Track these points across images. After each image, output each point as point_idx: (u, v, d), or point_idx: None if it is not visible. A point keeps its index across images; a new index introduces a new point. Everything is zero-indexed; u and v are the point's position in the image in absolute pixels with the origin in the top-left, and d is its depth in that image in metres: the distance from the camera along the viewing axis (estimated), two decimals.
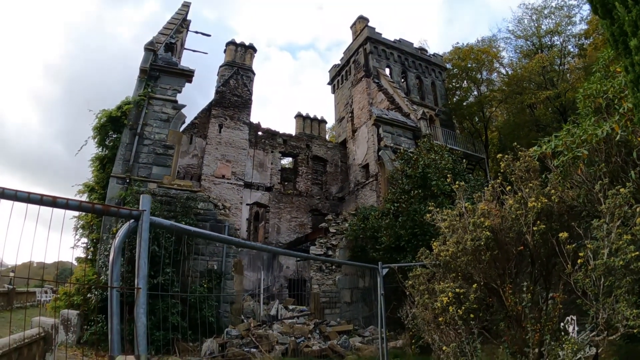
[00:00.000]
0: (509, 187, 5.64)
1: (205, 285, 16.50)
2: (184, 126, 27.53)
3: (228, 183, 28.13)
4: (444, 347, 4.56)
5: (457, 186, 5.96)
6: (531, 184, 5.35)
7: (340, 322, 17.39)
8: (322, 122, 35.38)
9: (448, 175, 9.64)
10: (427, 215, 6.16)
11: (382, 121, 25.54)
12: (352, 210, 21.99)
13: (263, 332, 15.21)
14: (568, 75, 34.97)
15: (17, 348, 7.84)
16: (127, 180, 17.73)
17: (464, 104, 38.24)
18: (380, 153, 24.79)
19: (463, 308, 4.51)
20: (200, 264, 17.14)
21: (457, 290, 4.68)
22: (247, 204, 28.93)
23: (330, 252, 18.91)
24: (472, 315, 4.51)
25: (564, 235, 4.72)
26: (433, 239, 6.13)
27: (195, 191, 18.82)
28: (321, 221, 22.88)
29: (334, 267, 18.78)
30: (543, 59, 32.98)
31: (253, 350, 14.07)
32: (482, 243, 4.74)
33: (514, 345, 4.79)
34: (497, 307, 5.09)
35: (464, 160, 20.74)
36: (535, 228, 4.79)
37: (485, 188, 5.81)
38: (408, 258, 14.42)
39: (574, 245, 4.74)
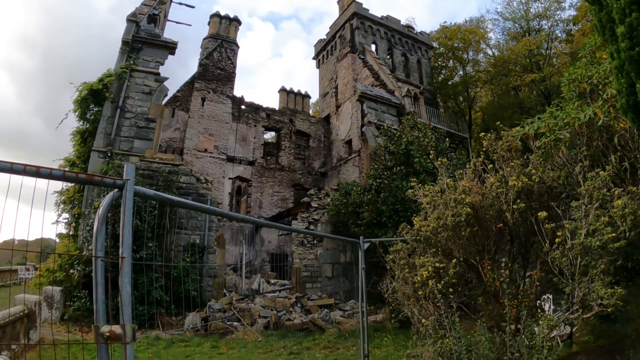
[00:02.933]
0: (491, 165, 5.71)
1: (187, 260, 16.54)
2: (166, 99, 27.29)
3: (210, 157, 27.99)
4: (423, 320, 4.66)
5: (439, 163, 6.02)
6: (512, 163, 5.43)
7: (321, 296, 17.60)
8: (306, 97, 35.15)
9: (431, 152, 9.67)
10: (409, 191, 6.22)
11: (366, 97, 25.48)
12: (335, 185, 22.04)
13: (245, 306, 15.35)
14: (554, 60, 35.15)
15: (1, 326, 7.83)
16: (109, 154, 17.59)
17: (449, 83, 38.29)
18: (363, 129, 24.79)
19: (442, 282, 4.60)
20: (183, 238, 17.16)
21: (437, 265, 4.77)
22: (230, 178, 28.87)
23: (312, 227, 19.02)
24: (451, 290, 4.61)
25: (543, 214, 4.81)
26: (414, 215, 6.20)
27: (178, 165, 18.72)
28: (303, 196, 22.92)
29: (315, 241, 18.90)
30: (530, 42, 33.06)
31: (235, 323, 14.21)
32: (463, 219, 4.82)
33: (491, 320, 4.91)
34: (475, 283, 5.20)
35: (447, 139, 20.80)
36: (515, 206, 4.87)
37: (468, 165, 5.88)
38: (389, 234, 14.55)
39: (552, 225, 4.83)
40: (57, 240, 17.20)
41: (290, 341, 12.40)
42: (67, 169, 17.80)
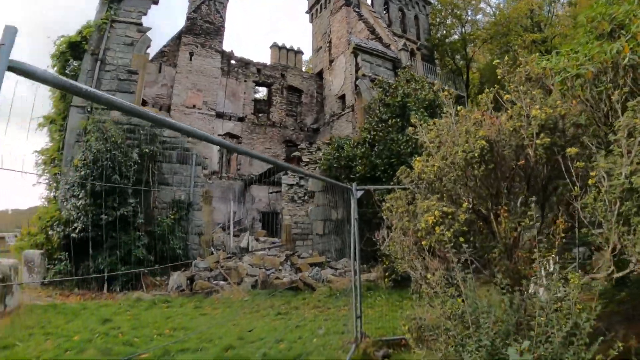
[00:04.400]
0: (507, 95, 4.80)
1: (172, 217, 15.75)
2: (152, 54, 26.40)
3: (199, 113, 27.38)
4: (429, 276, 3.84)
5: (446, 93, 5.11)
6: (533, 93, 4.55)
7: (312, 254, 16.89)
8: (299, 53, 34.09)
9: (430, 90, 8.68)
10: (410, 129, 5.32)
11: (360, 50, 24.36)
12: (327, 139, 21.15)
13: (233, 264, 14.66)
14: (556, 21, 33.89)
15: None
16: (89, 109, 16.60)
17: (447, 40, 37.04)
18: (357, 82, 23.76)
19: (452, 230, 3.77)
20: (167, 194, 16.36)
21: (445, 209, 3.92)
22: (219, 135, 27.91)
23: (302, 182, 18.19)
24: (462, 239, 3.78)
25: (572, 150, 3.96)
26: (415, 156, 5.36)
27: None
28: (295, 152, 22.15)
29: (306, 197, 18.11)
30: (532, 2, 31.84)
31: (222, 282, 13.54)
32: (476, 154, 3.96)
33: (506, 278, 4.10)
34: (486, 234, 4.38)
35: (445, 90, 19.85)
36: (538, 141, 4.01)
37: (479, 97, 4.98)
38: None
39: (583, 165, 3.99)
40: (47, 203, 16.41)
41: (278, 300, 11.73)
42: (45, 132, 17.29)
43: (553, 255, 3.94)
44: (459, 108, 4.87)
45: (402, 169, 5.39)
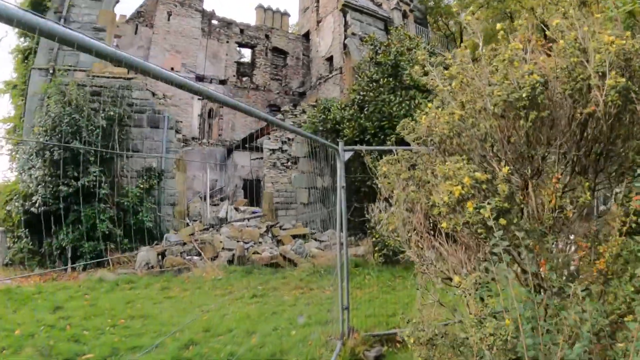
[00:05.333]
0: (556, 21, 3.41)
1: (141, 186, 14.34)
2: (128, 15, 25.16)
3: (177, 76, 25.48)
4: (457, 279, 2.52)
5: (468, 17, 3.73)
6: (591, 20, 3.19)
7: (295, 225, 15.59)
8: (285, 14, 32.54)
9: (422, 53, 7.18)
10: (415, 67, 3.93)
11: (350, 7, 22.82)
12: (312, 101, 19.71)
13: (209, 237, 13.39)
14: None
15: None
16: (51, 71, 15.20)
17: (442, 4, 35.48)
18: (346, 41, 22.26)
19: (489, 207, 2.45)
20: (137, 162, 14.96)
21: (478, 175, 2.57)
22: (199, 99, 26.49)
23: (285, 147, 16.82)
24: (502, 221, 2.47)
25: None
26: (419, 103, 4.03)
27: (130, 78, 16.13)
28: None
29: (289, 164, 16.77)
30: None
31: (195, 258, 12.26)
32: (526, 95, 2.63)
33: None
34: (530, 213, 3.07)
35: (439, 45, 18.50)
36: (610, 81, 2.67)
37: (515, 23, 3.60)
38: (374, 153, 12.36)
39: None
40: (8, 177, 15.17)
41: (255, 279, 10.48)
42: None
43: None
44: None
45: (404, 123, 4.02)
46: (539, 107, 2.76)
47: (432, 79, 3.81)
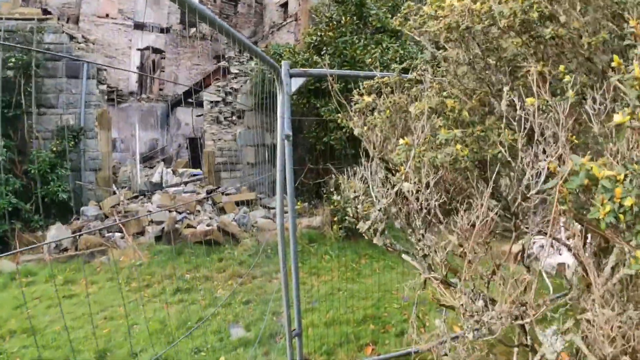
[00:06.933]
0: None
1: (54, 149, 11.78)
2: None
3: (114, 23, 23.60)
4: None
5: None
6: None
7: (240, 190, 13.29)
8: None
9: None
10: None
11: None
12: (262, 47, 17.20)
13: (138, 207, 11.11)
14: None
15: None
16: None
17: None
18: None
19: None
20: (51, 120, 12.40)
21: None
22: (138, 49, 24.28)
23: (229, 98, 14.37)
24: None
25: None
26: None
27: (43, 19, 13.37)
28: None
29: (234, 118, 14.34)
30: None
31: (117, 235, 9.94)
32: None
33: None
34: None
35: None
36: None
37: None
38: (332, 105, 10.05)
39: None
40: None
41: (184, 264, 8.24)
42: None
43: None
44: None
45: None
46: None
47: None
